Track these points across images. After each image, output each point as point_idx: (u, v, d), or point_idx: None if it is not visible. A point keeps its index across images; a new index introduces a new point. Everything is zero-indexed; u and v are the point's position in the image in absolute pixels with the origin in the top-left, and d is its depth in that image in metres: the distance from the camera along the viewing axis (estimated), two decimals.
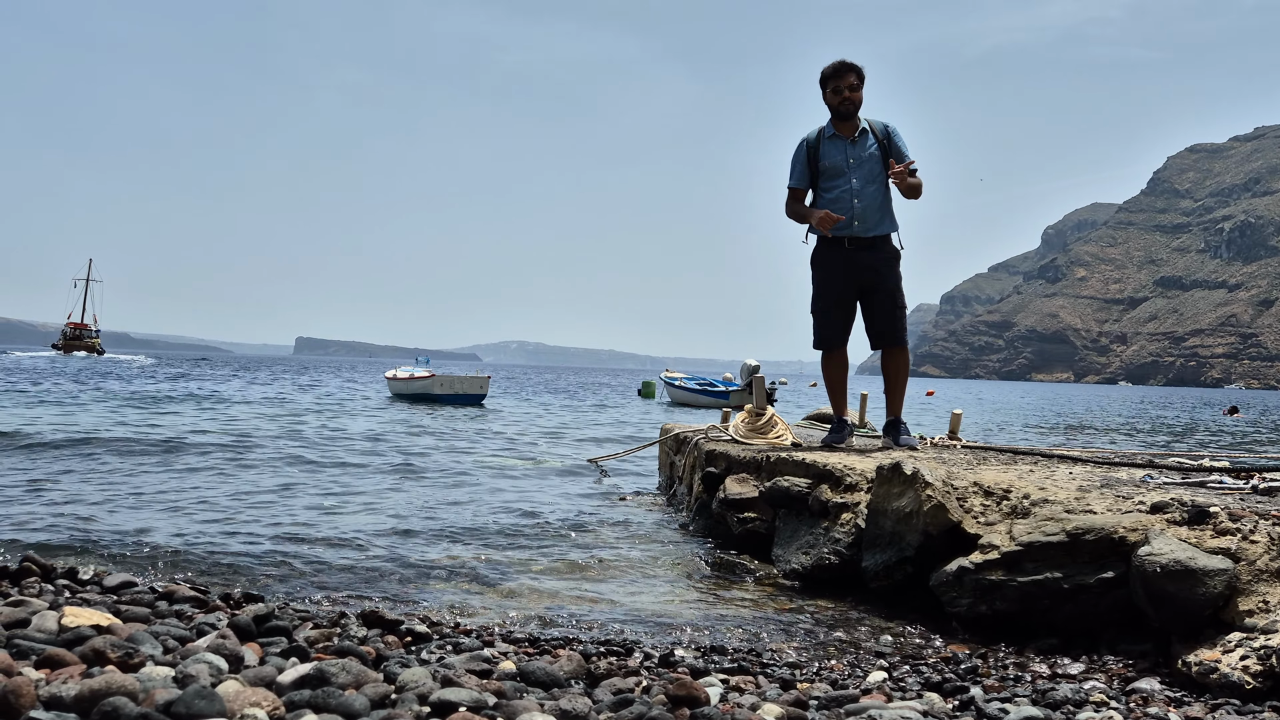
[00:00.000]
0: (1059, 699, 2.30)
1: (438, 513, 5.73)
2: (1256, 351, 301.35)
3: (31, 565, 3.23)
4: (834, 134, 4.80)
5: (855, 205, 4.71)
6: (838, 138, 4.79)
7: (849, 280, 4.82)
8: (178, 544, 4.39)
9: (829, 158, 4.78)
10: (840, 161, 4.75)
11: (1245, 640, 2.38)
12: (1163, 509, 2.93)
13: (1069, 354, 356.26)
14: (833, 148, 4.79)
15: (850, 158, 4.74)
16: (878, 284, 4.81)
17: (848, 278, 4.82)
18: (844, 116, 4.77)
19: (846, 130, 4.78)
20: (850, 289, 4.84)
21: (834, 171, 4.76)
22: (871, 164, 4.73)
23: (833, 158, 4.77)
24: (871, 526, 3.58)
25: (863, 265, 4.78)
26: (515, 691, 2.06)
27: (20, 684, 1.65)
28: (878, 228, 4.78)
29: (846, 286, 4.84)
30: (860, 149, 4.75)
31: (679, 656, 2.68)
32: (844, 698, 2.21)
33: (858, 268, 4.79)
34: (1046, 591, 2.91)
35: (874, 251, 4.78)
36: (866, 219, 4.73)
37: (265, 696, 1.75)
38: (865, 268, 4.79)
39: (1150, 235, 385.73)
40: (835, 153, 4.77)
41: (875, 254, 4.78)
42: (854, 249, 4.77)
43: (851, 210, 4.71)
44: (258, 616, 2.60)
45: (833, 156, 4.77)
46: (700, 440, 5.74)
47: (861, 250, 4.77)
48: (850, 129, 4.78)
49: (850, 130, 4.78)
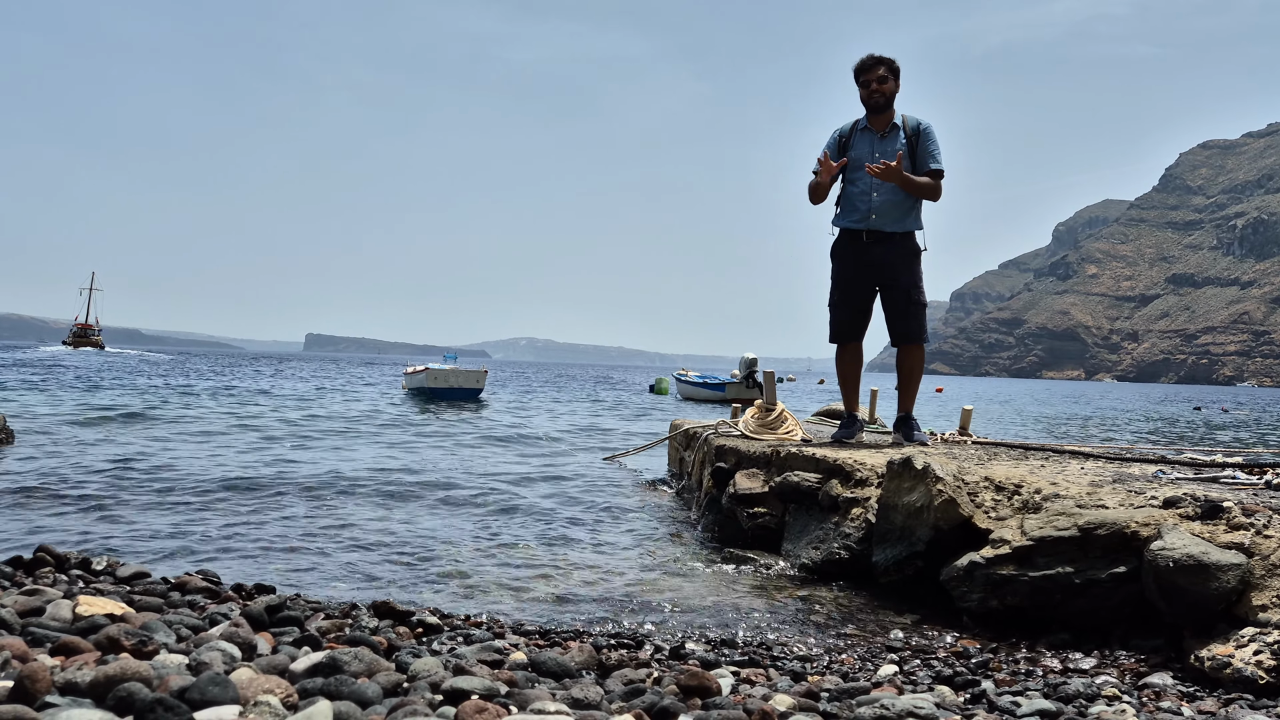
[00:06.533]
0: (1071, 693, 2.29)
1: (446, 506, 5.74)
2: (1269, 349, 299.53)
3: (45, 555, 3.25)
4: (865, 127, 4.82)
5: (874, 199, 4.72)
6: (868, 131, 4.81)
7: (862, 274, 4.81)
8: (188, 542, 4.42)
9: (856, 149, 4.80)
10: (865, 154, 4.76)
11: (1259, 635, 2.36)
12: (1175, 504, 2.91)
13: (1080, 351, 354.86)
14: (861, 140, 4.81)
15: (875, 152, 4.74)
16: (893, 280, 4.79)
17: (861, 271, 4.81)
18: (875, 110, 4.77)
19: (878, 124, 4.79)
20: (864, 283, 4.83)
21: (858, 164, 4.77)
22: (894, 160, 4.68)
23: (859, 150, 4.79)
24: (882, 521, 3.57)
25: (877, 260, 4.77)
26: (527, 681, 2.07)
27: (36, 669, 1.66)
28: (899, 224, 4.76)
29: (860, 280, 4.83)
30: (887, 144, 4.75)
31: (690, 649, 2.68)
32: (855, 690, 2.20)
33: (872, 262, 4.77)
34: (1058, 586, 2.90)
35: (891, 247, 4.76)
36: (885, 214, 4.72)
37: (278, 684, 1.76)
38: (880, 263, 4.77)
39: (1162, 232, 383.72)
40: (863, 145, 4.79)
41: (892, 249, 4.77)
42: (870, 243, 4.76)
43: (870, 204, 4.72)
44: (270, 606, 2.61)
45: (860, 149, 4.79)
46: (710, 436, 5.74)
47: (877, 245, 4.76)
48: (882, 123, 4.79)
49: (882, 125, 4.78)
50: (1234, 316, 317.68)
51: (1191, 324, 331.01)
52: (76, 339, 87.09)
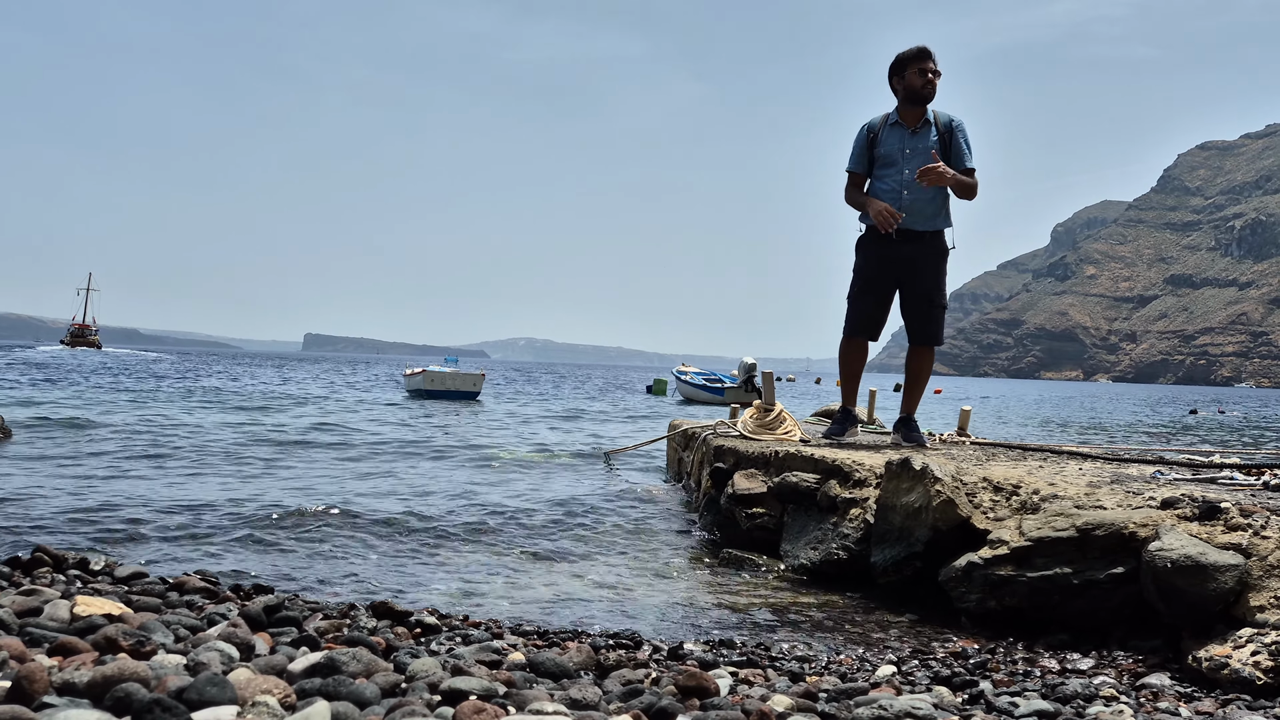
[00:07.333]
0: (1069, 694, 2.29)
1: (445, 506, 5.74)
2: (1267, 350, 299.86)
3: (43, 555, 3.24)
4: (896, 121, 4.69)
5: (904, 197, 4.61)
6: (899, 125, 4.68)
7: (885, 270, 4.71)
8: (183, 536, 4.41)
9: (886, 145, 4.67)
10: (895, 150, 4.64)
11: (1256, 636, 2.36)
12: (1173, 505, 2.92)
13: (1078, 352, 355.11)
14: (892, 135, 4.67)
15: (906, 148, 4.63)
16: (915, 279, 4.71)
17: (884, 268, 4.71)
18: (922, 100, 4.62)
19: (910, 119, 4.67)
20: (886, 279, 4.73)
21: (888, 160, 4.66)
22: (927, 157, 4.62)
23: (889, 145, 4.66)
24: (880, 522, 3.57)
25: (902, 258, 4.67)
26: (525, 681, 2.07)
27: (33, 670, 1.66)
28: (929, 223, 4.67)
29: (882, 276, 4.73)
30: (919, 140, 4.64)
31: (688, 649, 2.68)
32: (853, 690, 2.20)
33: (897, 260, 4.68)
34: (1056, 587, 2.90)
35: (918, 245, 4.68)
36: (915, 212, 4.63)
37: (276, 684, 1.75)
38: (904, 260, 4.68)
39: (1160, 233, 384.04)
40: (893, 141, 4.66)
41: (919, 248, 4.68)
42: (899, 241, 4.65)
43: (900, 202, 4.61)
44: (268, 607, 2.61)
45: (889, 144, 4.66)
46: (708, 436, 5.74)
47: (905, 243, 4.65)
48: (914, 118, 4.66)
49: (914, 119, 4.66)
50: (1232, 317, 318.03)
51: (1190, 325, 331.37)
52: (74, 339, 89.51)
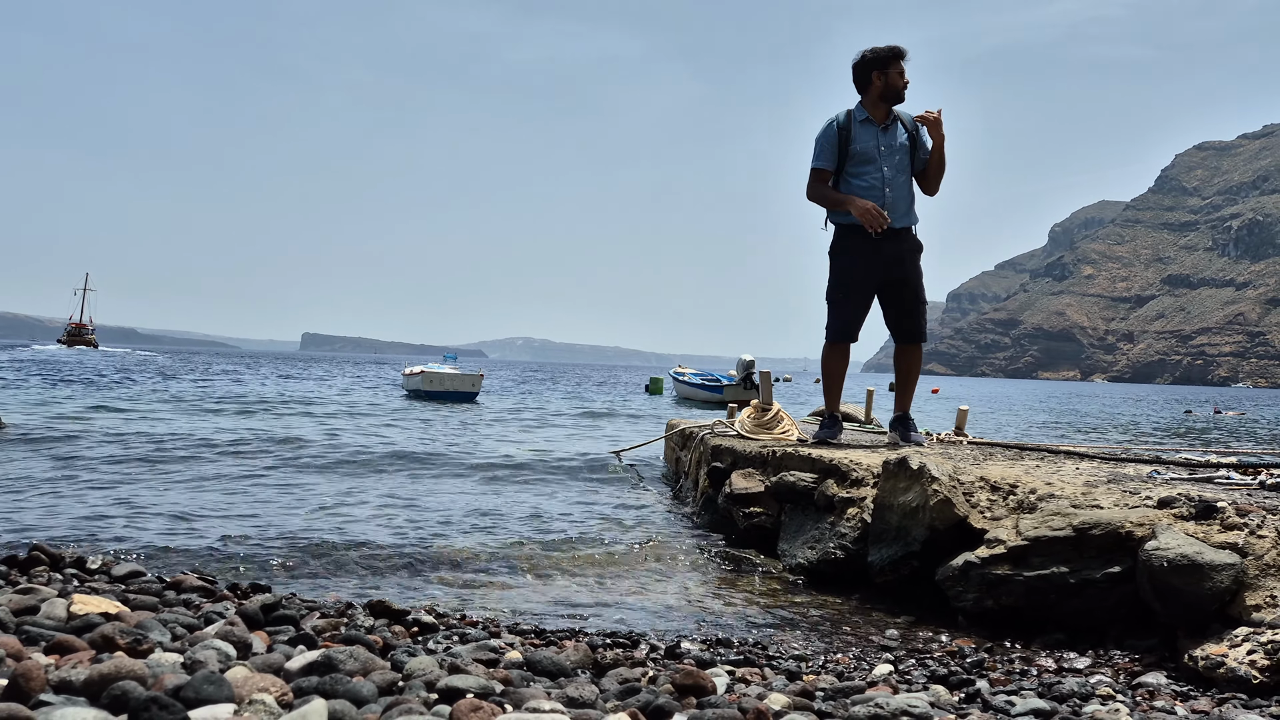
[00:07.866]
0: (1065, 692, 2.30)
1: (442, 506, 5.74)
2: (1264, 350, 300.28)
3: (40, 554, 3.24)
4: (866, 118, 4.65)
5: (887, 194, 4.60)
6: (870, 123, 4.65)
7: (871, 270, 4.69)
8: (184, 538, 4.41)
9: (860, 142, 4.63)
10: (871, 148, 4.62)
11: (1252, 635, 2.37)
12: (1170, 504, 2.92)
13: (1076, 352, 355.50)
14: (865, 132, 4.64)
15: (881, 145, 4.62)
16: (903, 276, 4.71)
17: (870, 268, 4.68)
18: (897, 100, 4.64)
19: (879, 116, 4.66)
20: (871, 280, 4.71)
21: (864, 157, 4.62)
22: (901, 153, 4.64)
23: (864, 143, 4.63)
24: (877, 521, 3.58)
25: (888, 256, 4.66)
26: (522, 680, 2.07)
27: (30, 668, 1.66)
28: (905, 219, 4.69)
29: (867, 277, 4.71)
30: (891, 137, 4.64)
31: (685, 648, 2.69)
32: (850, 689, 2.20)
33: (883, 259, 4.66)
34: (1053, 586, 2.90)
35: (900, 243, 4.68)
36: (896, 209, 4.63)
37: (273, 682, 1.75)
38: (891, 259, 4.67)
39: (1158, 233, 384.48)
40: (867, 138, 4.63)
41: (901, 245, 4.68)
42: (881, 239, 4.61)
43: (883, 199, 4.59)
44: (265, 605, 2.61)
45: (864, 141, 4.63)
46: (706, 435, 5.74)
47: (888, 241, 4.63)
48: (883, 115, 4.66)
49: (883, 117, 4.66)
50: (1229, 317, 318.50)
51: (1187, 325, 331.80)
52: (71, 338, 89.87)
